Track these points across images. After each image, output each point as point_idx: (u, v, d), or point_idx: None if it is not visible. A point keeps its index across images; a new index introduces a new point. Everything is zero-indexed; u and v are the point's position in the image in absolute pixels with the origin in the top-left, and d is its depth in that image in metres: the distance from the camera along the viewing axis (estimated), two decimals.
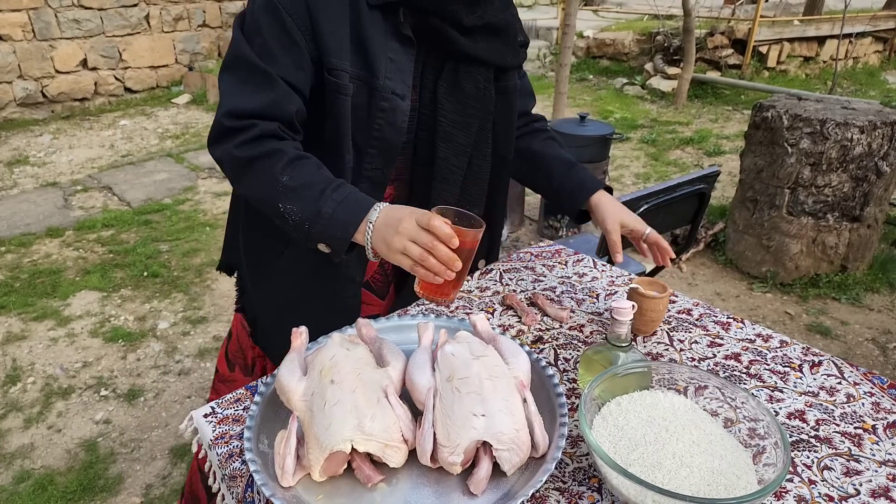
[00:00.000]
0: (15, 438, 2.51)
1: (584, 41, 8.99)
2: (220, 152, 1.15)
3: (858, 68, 8.84)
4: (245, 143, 1.11)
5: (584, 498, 0.94)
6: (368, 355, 1.10)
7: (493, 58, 1.30)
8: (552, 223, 4.21)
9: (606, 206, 1.40)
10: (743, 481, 0.89)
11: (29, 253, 3.97)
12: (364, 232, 1.05)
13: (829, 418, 1.10)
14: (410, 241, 0.99)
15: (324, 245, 1.09)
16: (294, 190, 1.08)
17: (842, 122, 3.24)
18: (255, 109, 1.12)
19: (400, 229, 1.00)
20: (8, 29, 6.25)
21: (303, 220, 1.08)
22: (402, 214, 1.02)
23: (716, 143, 6.08)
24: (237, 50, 1.15)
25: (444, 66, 1.26)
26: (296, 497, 0.94)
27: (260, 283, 1.45)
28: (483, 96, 1.31)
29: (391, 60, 1.18)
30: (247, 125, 1.11)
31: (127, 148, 5.89)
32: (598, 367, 1.12)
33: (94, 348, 3.06)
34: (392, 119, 1.20)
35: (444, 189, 1.34)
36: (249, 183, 1.14)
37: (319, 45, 1.14)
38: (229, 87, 1.15)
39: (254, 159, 1.11)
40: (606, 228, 1.38)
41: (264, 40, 1.13)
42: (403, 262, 1.01)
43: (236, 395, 1.18)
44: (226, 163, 1.15)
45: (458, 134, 1.30)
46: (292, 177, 1.09)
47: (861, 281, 3.62)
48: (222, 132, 1.14)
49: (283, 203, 1.09)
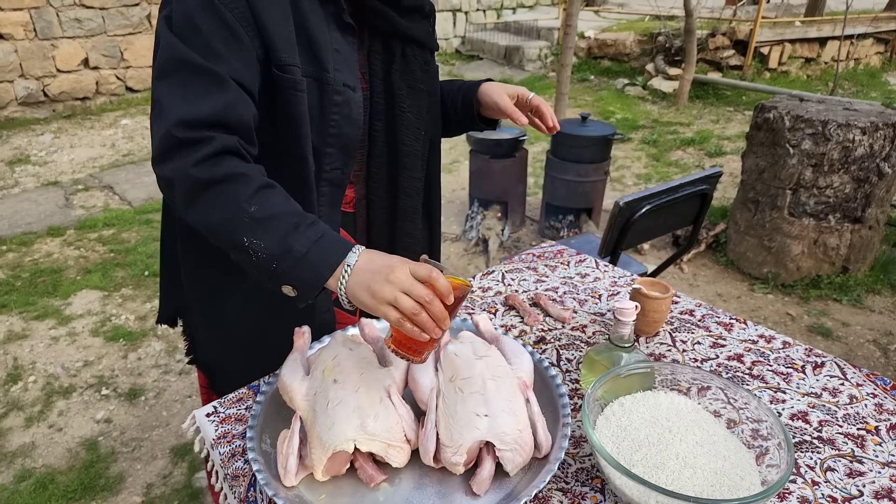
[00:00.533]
0: (16, 437, 2.51)
1: (586, 42, 8.98)
2: (172, 171, 0.97)
3: (860, 69, 8.83)
4: (204, 161, 0.96)
5: (587, 498, 0.94)
6: (371, 355, 1.10)
7: (427, 39, 1.29)
8: (553, 224, 4.21)
9: (493, 87, 1.37)
10: (746, 482, 0.89)
11: (30, 252, 3.97)
12: (339, 277, 0.92)
13: (832, 419, 1.10)
14: (402, 293, 0.87)
15: (289, 288, 0.95)
16: (261, 222, 0.94)
17: (843, 124, 3.24)
18: (209, 116, 0.97)
19: (391, 278, 0.88)
20: (9, 28, 6.25)
21: (270, 258, 0.93)
22: (391, 262, 0.90)
23: (717, 143, 6.07)
24: (172, 53, 1.00)
25: (391, 51, 1.24)
26: (298, 497, 0.94)
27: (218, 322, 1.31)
28: (427, 78, 1.30)
29: (336, 52, 1.12)
30: (203, 137, 0.97)
31: (128, 147, 5.89)
32: (600, 367, 1.12)
33: (95, 347, 3.05)
34: (347, 112, 1.15)
35: (411, 176, 1.32)
36: (205, 210, 0.97)
37: (265, 40, 1.04)
38: (171, 94, 0.99)
39: (215, 182, 0.96)
40: (499, 103, 1.34)
41: (205, 39, 1.00)
42: (390, 314, 0.88)
43: (238, 395, 1.18)
44: (178, 184, 0.97)
45: (413, 118, 1.28)
46: (260, 207, 0.95)
47: (862, 282, 3.61)
48: (173, 146, 0.97)
49: (248, 237, 0.94)
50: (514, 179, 4.21)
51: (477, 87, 1.39)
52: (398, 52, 1.24)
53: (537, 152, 5.68)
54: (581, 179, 3.97)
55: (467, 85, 1.42)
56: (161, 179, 1.00)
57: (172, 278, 1.37)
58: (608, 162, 4.05)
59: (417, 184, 1.34)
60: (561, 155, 3.98)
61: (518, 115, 1.31)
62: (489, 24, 10.36)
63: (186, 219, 1.01)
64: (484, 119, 1.43)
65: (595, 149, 3.89)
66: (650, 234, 2.50)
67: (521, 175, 4.23)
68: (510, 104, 1.33)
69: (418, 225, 1.39)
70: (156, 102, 1.00)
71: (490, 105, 1.37)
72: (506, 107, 1.32)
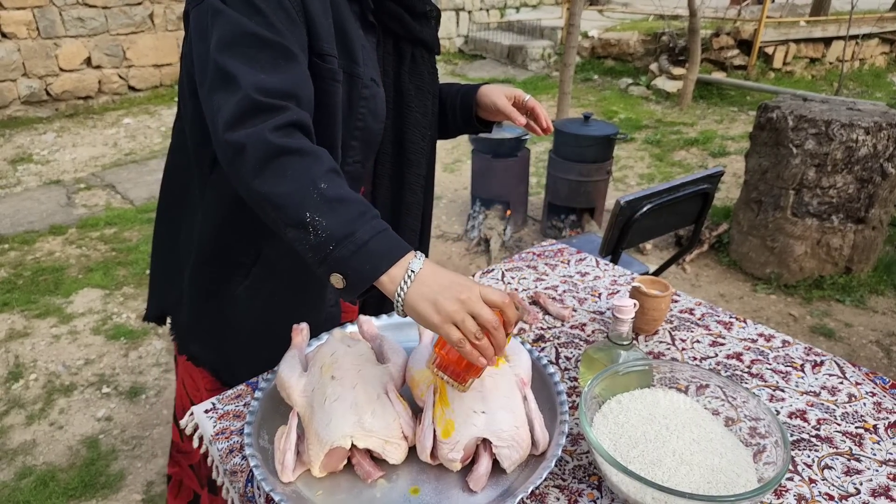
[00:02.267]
0: (17, 435, 2.52)
1: (589, 41, 8.98)
2: (247, 135, 0.93)
3: (865, 70, 8.80)
4: (281, 128, 0.93)
5: (584, 495, 0.94)
6: (369, 352, 1.10)
7: (433, 43, 1.32)
8: (555, 223, 4.20)
9: (492, 89, 1.40)
10: (743, 479, 0.89)
11: (32, 250, 3.98)
12: (399, 281, 0.88)
13: (831, 418, 1.09)
14: (469, 315, 0.85)
15: (339, 277, 0.90)
16: (330, 201, 0.90)
17: (847, 124, 3.23)
18: (284, 86, 0.96)
19: (462, 297, 0.85)
20: (13, 27, 6.27)
21: (329, 240, 0.89)
22: (460, 280, 0.87)
23: (720, 143, 6.06)
24: (237, 26, 0.98)
25: (402, 52, 1.27)
26: (296, 492, 0.94)
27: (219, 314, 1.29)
28: (432, 79, 1.34)
29: (364, 48, 1.15)
30: (280, 105, 0.95)
31: (130, 146, 5.91)
32: (599, 365, 1.12)
33: (97, 346, 3.06)
34: (374, 107, 1.18)
35: (417, 174, 1.34)
36: (276, 179, 0.92)
37: (311, 29, 1.05)
38: (242, 64, 0.96)
39: (291, 151, 0.93)
40: (497, 104, 1.36)
41: (267, 17, 0.99)
42: (452, 334, 0.85)
43: (237, 391, 1.18)
44: (252, 149, 0.93)
45: (420, 117, 1.31)
46: (331, 186, 0.91)
47: (865, 283, 3.60)
48: (252, 109, 0.93)
49: (311, 213, 0.89)
50: (516, 179, 4.20)
51: (476, 90, 1.42)
52: (408, 54, 1.27)
53: (539, 152, 5.68)
54: (583, 179, 3.97)
55: (466, 87, 1.44)
56: (230, 146, 0.94)
57: (165, 276, 1.36)
58: (611, 161, 4.05)
59: (421, 181, 1.37)
60: (563, 154, 3.97)
61: (516, 115, 1.34)
62: (492, 23, 10.36)
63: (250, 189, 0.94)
64: (481, 121, 1.45)
65: (597, 148, 3.89)
66: (651, 233, 2.50)
67: (523, 174, 4.23)
68: (508, 105, 1.35)
69: (417, 220, 1.41)
70: (221, 72, 0.97)
71: (488, 106, 1.39)
72: (503, 107, 1.35)
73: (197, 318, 1.32)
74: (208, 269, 1.25)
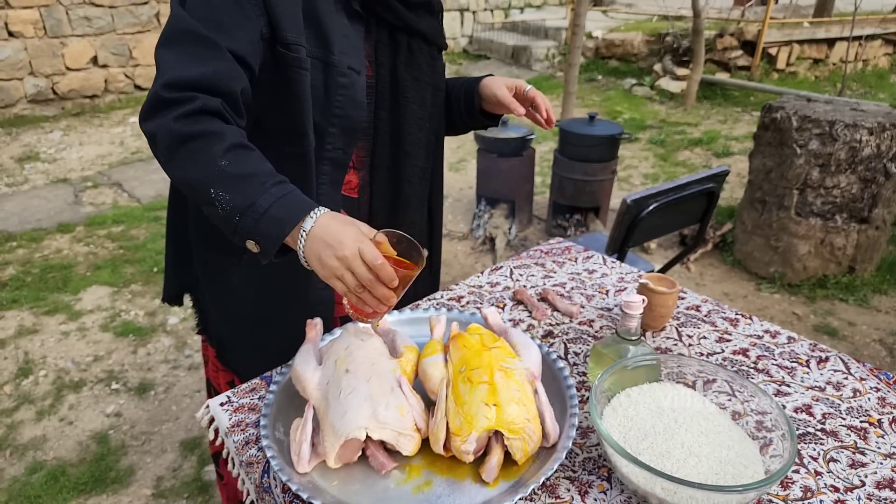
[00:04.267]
0: (27, 430, 2.54)
1: (594, 42, 8.99)
2: (155, 126, 1.01)
3: (868, 71, 8.80)
4: (184, 117, 1.00)
5: (594, 487, 0.96)
6: (382, 346, 1.13)
7: (433, 35, 1.33)
8: (560, 222, 4.22)
9: (493, 80, 1.40)
10: (750, 471, 0.90)
11: (40, 248, 4.01)
12: (296, 239, 0.96)
13: (836, 412, 1.11)
14: (348, 270, 0.93)
15: (252, 243, 0.98)
16: (231, 177, 0.97)
17: (850, 124, 3.24)
18: (196, 79, 1.02)
19: (339, 254, 0.92)
20: (20, 26, 6.30)
21: (234, 211, 0.96)
22: (343, 236, 0.93)
23: (724, 144, 6.07)
24: (177, 23, 1.05)
25: (397, 42, 1.28)
26: (311, 483, 0.96)
27: (221, 298, 1.37)
28: (432, 72, 1.35)
29: (345, 37, 1.18)
30: (187, 97, 1.00)
31: (136, 145, 5.93)
32: (607, 360, 1.13)
33: (105, 342, 3.09)
34: (352, 95, 1.20)
35: (414, 165, 1.35)
36: (182, 163, 1.00)
37: (272, 19, 1.09)
38: (169, 59, 1.04)
39: (192, 136, 0.99)
40: (497, 95, 1.36)
41: (211, 12, 1.05)
42: (336, 286, 0.95)
43: (251, 385, 1.20)
44: (160, 138, 1.01)
45: (417, 108, 1.32)
46: (232, 162, 0.98)
47: (869, 282, 3.62)
48: (158, 104, 1.01)
49: (215, 188, 0.97)
50: (521, 178, 4.22)
51: (478, 82, 1.42)
52: (404, 44, 1.28)
53: (545, 151, 5.69)
54: (588, 178, 3.99)
55: (469, 80, 1.45)
56: (146, 135, 1.04)
57: (179, 258, 1.43)
58: (615, 161, 4.06)
59: (420, 173, 1.37)
60: (568, 154, 3.99)
61: (516, 105, 1.33)
62: (497, 23, 10.37)
63: (167, 174, 1.05)
64: (486, 115, 1.45)
65: (602, 148, 3.91)
66: (657, 231, 2.52)
67: (528, 174, 4.24)
68: (508, 95, 1.35)
69: (421, 214, 1.42)
70: (156, 65, 1.05)
71: (490, 98, 1.39)
72: (503, 97, 1.35)
73: (205, 300, 1.42)
74: (208, 257, 1.34)
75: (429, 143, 1.38)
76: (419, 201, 1.40)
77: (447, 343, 1.14)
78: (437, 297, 1.49)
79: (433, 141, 1.41)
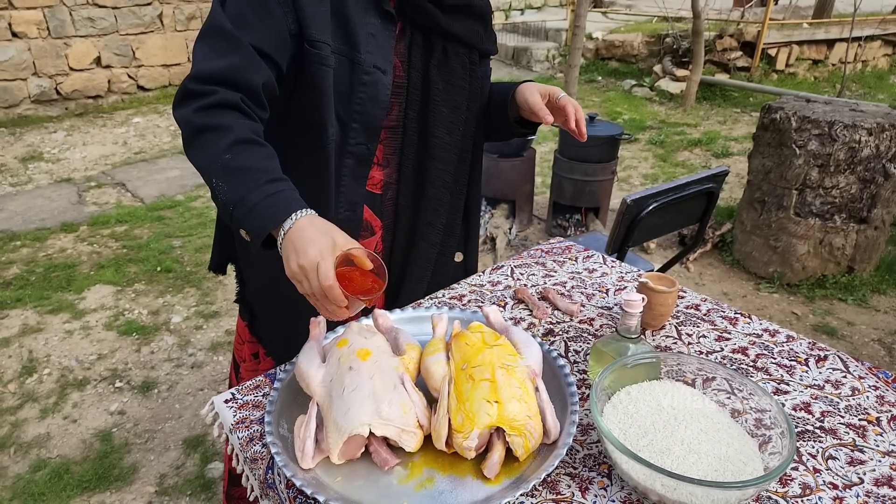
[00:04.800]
0: (31, 428, 2.56)
1: (594, 43, 9.00)
2: (180, 115, 1.12)
3: (867, 72, 8.81)
4: (202, 109, 1.08)
5: (595, 483, 0.97)
6: (385, 344, 1.14)
7: (472, 39, 1.33)
8: (560, 222, 4.24)
9: (527, 86, 1.37)
10: (749, 468, 0.92)
11: (44, 247, 4.03)
12: (277, 235, 1.03)
13: (835, 410, 1.12)
14: (305, 279, 0.98)
15: (244, 233, 1.06)
16: (231, 171, 1.05)
17: (850, 124, 3.26)
18: (215, 72, 1.10)
19: (300, 262, 0.97)
20: (23, 27, 6.32)
21: (228, 203, 1.04)
22: (309, 246, 0.98)
23: (724, 144, 6.09)
24: (211, 20, 1.14)
25: (432, 45, 1.29)
26: (315, 478, 0.97)
27: (253, 271, 1.45)
28: (469, 76, 1.35)
29: (371, 36, 1.21)
30: (207, 90, 1.09)
31: (140, 145, 5.95)
32: (608, 358, 1.15)
33: (109, 341, 3.10)
34: (374, 93, 1.23)
35: (441, 169, 1.36)
36: (196, 151, 1.10)
37: (299, 18, 1.15)
38: (199, 54, 1.14)
39: (205, 128, 1.08)
40: (528, 101, 1.33)
41: (239, 8, 1.13)
42: (297, 287, 1.01)
43: (256, 382, 1.22)
44: (182, 126, 1.11)
45: (448, 112, 1.33)
46: (235, 157, 1.05)
47: (868, 282, 3.63)
48: (184, 95, 1.11)
49: (216, 179, 1.05)
50: (521, 178, 4.24)
51: (514, 87, 1.39)
52: (439, 47, 1.29)
53: (545, 152, 5.71)
54: (588, 179, 4.00)
55: (507, 86, 1.43)
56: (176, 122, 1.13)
57: (224, 229, 1.51)
58: (615, 162, 4.08)
59: (446, 176, 1.38)
60: (568, 154, 4.01)
61: (545, 113, 1.30)
62: (497, 24, 10.38)
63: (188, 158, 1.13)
64: (523, 122, 1.43)
65: (602, 149, 3.92)
66: (657, 231, 2.53)
67: (528, 174, 4.26)
68: (540, 102, 1.32)
69: (441, 216, 1.42)
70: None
71: (522, 104, 1.36)
72: (534, 104, 1.32)
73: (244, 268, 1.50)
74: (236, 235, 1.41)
75: (463, 148, 1.39)
76: (443, 206, 1.40)
77: (449, 341, 1.15)
78: (439, 295, 1.50)
79: (468, 146, 1.41)
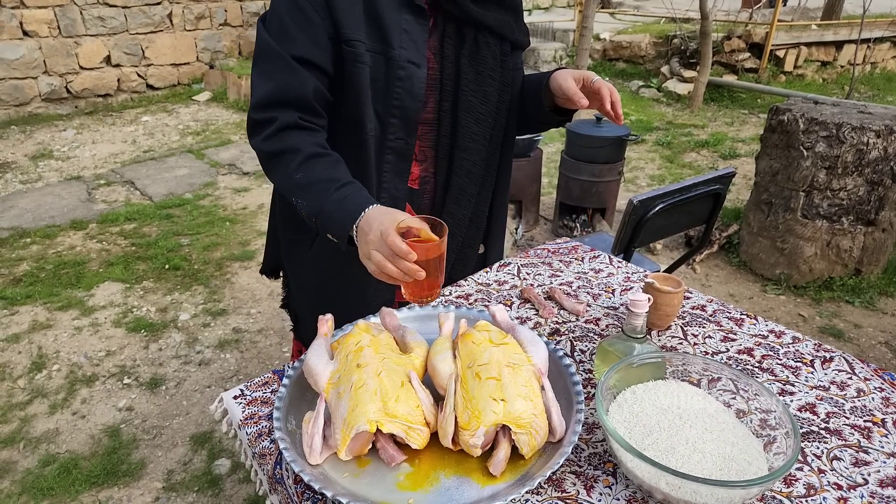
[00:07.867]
0: (41, 423, 2.58)
1: (601, 43, 8.99)
2: (253, 145, 1.25)
3: (876, 73, 8.77)
4: (269, 137, 1.20)
5: (600, 481, 0.98)
6: (392, 342, 1.15)
7: (504, 29, 1.34)
8: (567, 223, 4.24)
9: (561, 72, 1.33)
10: (754, 467, 0.92)
11: (54, 244, 4.06)
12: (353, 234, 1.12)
13: (840, 411, 1.13)
14: (375, 250, 1.05)
15: (330, 236, 1.16)
16: (305, 187, 1.17)
17: (858, 126, 3.25)
18: (269, 96, 1.20)
19: (368, 238, 1.06)
20: (34, 25, 6.37)
21: (310, 215, 1.16)
22: (374, 223, 1.06)
23: (731, 146, 6.07)
24: (259, 43, 1.23)
25: (464, 36, 1.31)
26: (323, 474, 0.98)
27: (297, 272, 1.54)
28: (500, 67, 1.36)
29: (405, 31, 1.24)
30: (268, 118, 1.20)
31: (149, 144, 5.98)
32: (613, 358, 1.15)
33: (117, 338, 3.12)
34: (410, 87, 1.26)
35: (467, 159, 1.37)
36: (273, 175, 1.24)
37: (335, 20, 1.20)
38: (255, 81, 1.24)
39: (274, 155, 1.20)
40: (562, 86, 1.30)
41: (281, 24, 1.20)
42: (369, 267, 1.07)
43: (264, 379, 1.23)
44: (258, 155, 1.25)
45: (477, 103, 1.34)
46: (305, 174, 1.17)
47: (875, 285, 3.62)
48: (252, 126, 1.23)
49: (295, 197, 1.18)
50: (528, 179, 4.24)
51: (548, 75, 1.37)
52: (469, 37, 1.31)
53: (552, 152, 5.71)
54: (595, 179, 4.00)
55: (540, 74, 1.43)
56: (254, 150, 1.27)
57: (275, 237, 1.60)
58: (622, 162, 4.08)
59: (471, 167, 1.39)
60: (575, 155, 4.01)
61: (580, 97, 1.27)
62: None
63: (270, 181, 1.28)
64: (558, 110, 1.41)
65: (609, 149, 3.92)
66: (663, 232, 2.53)
67: (535, 174, 4.26)
68: (574, 87, 1.28)
69: (465, 208, 1.44)
70: None
71: (557, 91, 1.33)
72: (568, 89, 1.28)
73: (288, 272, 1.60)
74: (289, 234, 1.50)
75: (493, 139, 1.41)
76: (464, 194, 1.42)
77: (456, 339, 1.16)
78: (446, 293, 1.51)
79: (498, 138, 1.42)
